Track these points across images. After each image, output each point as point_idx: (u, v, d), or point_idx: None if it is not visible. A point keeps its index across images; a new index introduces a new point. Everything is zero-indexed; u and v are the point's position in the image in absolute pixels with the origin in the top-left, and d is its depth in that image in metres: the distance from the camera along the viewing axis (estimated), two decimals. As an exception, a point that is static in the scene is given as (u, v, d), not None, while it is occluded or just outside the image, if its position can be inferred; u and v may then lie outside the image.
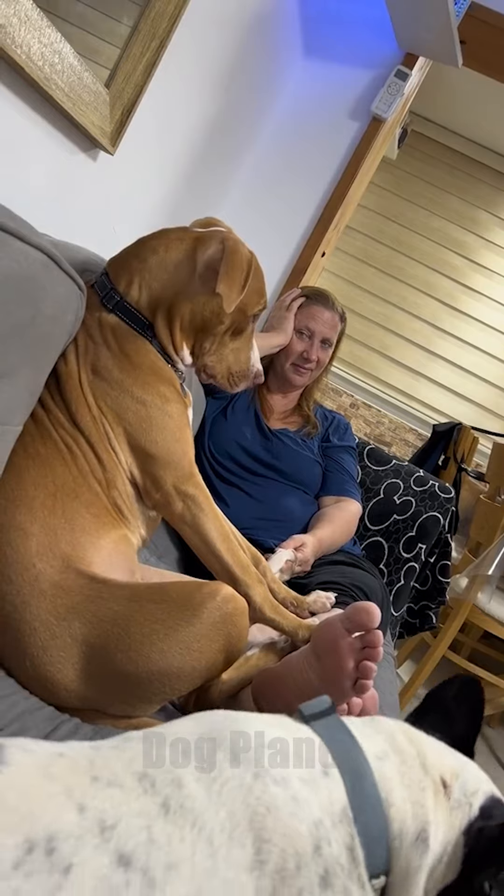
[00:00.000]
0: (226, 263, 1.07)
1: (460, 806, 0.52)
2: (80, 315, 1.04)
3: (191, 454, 1.11)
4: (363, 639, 0.91)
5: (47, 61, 1.21)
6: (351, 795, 0.50)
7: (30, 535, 0.93)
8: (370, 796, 0.50)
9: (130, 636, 0.88)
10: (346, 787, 0.50)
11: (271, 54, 2.23)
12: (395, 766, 0.53)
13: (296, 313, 1.89)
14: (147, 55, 1.49)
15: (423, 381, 4.51)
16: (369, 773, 0.51)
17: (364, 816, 0.49)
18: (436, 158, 4.59)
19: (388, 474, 2.20)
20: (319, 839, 0.47)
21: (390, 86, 2.38)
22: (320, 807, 0.49)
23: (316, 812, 0.48)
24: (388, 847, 0.49)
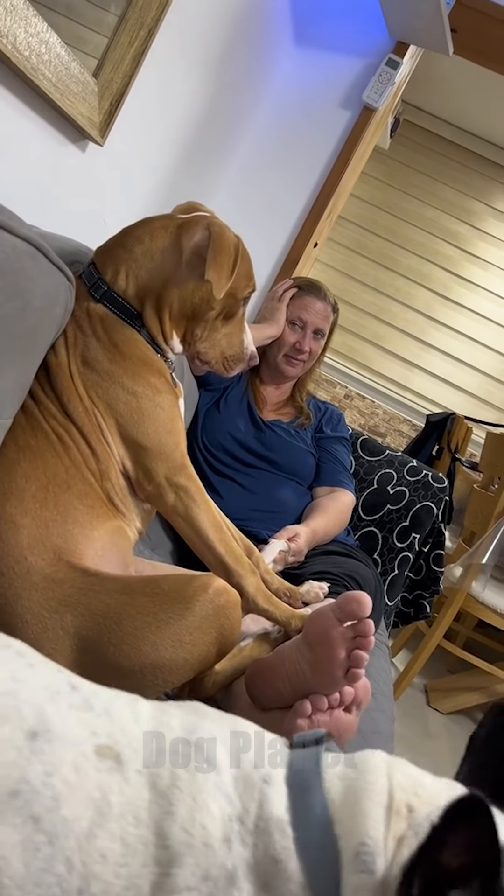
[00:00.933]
0: (213, 249, 1.07)
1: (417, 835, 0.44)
2: (69, 307, 1.03)
3: (182, 445, 1.10)
4: (355, 628, 0.91)
5: (34, 51, 1.20)
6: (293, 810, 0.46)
7: (21, 528, 0.93)
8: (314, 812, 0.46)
9: (122, 629, 0.88)
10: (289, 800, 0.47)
11: (261, 43, 2.22)
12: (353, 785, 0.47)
13: (288, 304, 1.89)
14: (135, 44, 1.48)
15: (416, 371, 4.51)
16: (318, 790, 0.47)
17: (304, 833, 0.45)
18: (428, 148, 4.57)
19: (382, 465, 2.21)
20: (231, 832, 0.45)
21: (381, 74, 2.37)
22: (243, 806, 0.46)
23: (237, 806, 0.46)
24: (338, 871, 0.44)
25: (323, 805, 0.46)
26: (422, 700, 2.73)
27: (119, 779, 0.46)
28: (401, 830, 0.44)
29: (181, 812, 0.45)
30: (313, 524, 1.64)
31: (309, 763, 0.49)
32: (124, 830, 0.44)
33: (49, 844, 0.42)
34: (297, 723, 0.90)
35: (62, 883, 0.42)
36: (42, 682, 0.49)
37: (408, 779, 0.48)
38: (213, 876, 0.43)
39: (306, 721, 0.90)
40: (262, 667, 1.00)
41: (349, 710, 0.93)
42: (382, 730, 1.29)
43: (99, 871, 0.42)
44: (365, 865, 0.43)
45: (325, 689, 0.92)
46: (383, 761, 0.50)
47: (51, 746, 0.45)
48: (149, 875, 0.43)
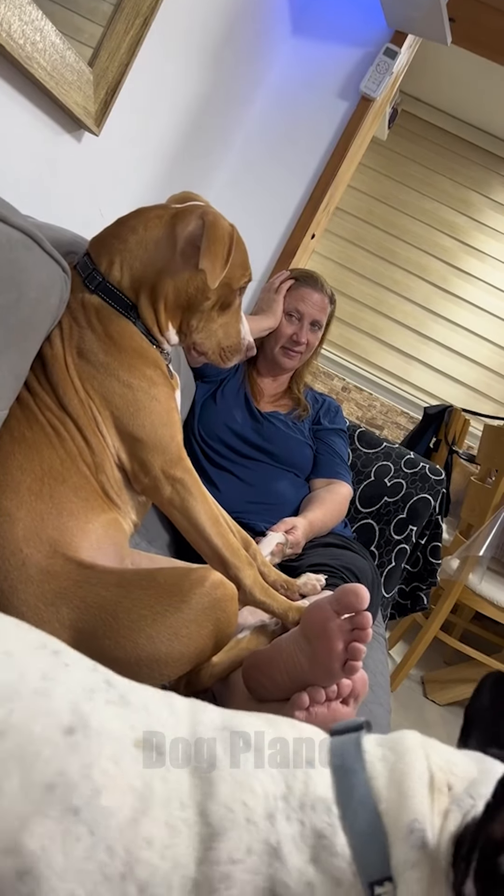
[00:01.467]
0: (207, 238, 1.06)
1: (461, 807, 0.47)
2: (64, 298, 1.02)
3: (179, 438, 1.10)
4: (352, 620, 0.91)
5: (28, 39, 1.19)
6: (337, 790, 0.48)
7: (16, 520, 0.92)
8: (359, 792, 0.48)
9: (118, 622, 0.88)
10: (333, 782, 0.49)
11: (258, 32, 2.20)
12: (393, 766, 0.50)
13: (285, 296, 1.88)
14: (131, 33, 1.47)
15: (414, 363, 4.51)
16: (360, 770, 0.49)
17: (351, 812, 0.47)
18: (426, 139, 4.56)
19: (379, 457, 2.20)
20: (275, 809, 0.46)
21: (379, 64, 2.35)
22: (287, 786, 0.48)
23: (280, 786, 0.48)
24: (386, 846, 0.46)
25: (366, 785, 0.49)
26: (418, 692, 2.74)
27: (161, 769, 0.47)
28: (444, 805, 0.47)
29: (223, 791, 0.47)
30: (311, 516, 1.64)
31: (350, 747, 0.52)
32: (169, 815, 0.45)
33: (90, 834, 0.44)
34: (295, 715, 0.90)
35: (104, 869, 0.43)
36: (77, 680, 0.50)
37: (442, 758, 0.51)
38: (257, 850, 0.45)
39: (304, 713, 0.90)
40: (259, 659, 1.00)
41: (346, 702, 0.93)
42: (380, 721, 1.29)
43: (145, 856, 0.44)
44: (419, 841, 0.46)
45: (322, 682, 0.92)
46: (419, 743, 0.52)
47: (87, 741, 0.46)
48: (193, 852, 0.45)
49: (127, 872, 0.43)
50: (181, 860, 0.44)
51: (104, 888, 0.43)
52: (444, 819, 0.46)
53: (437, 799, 0.48)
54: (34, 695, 0.47)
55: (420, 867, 0.45)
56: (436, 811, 0.47)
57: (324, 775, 0.49)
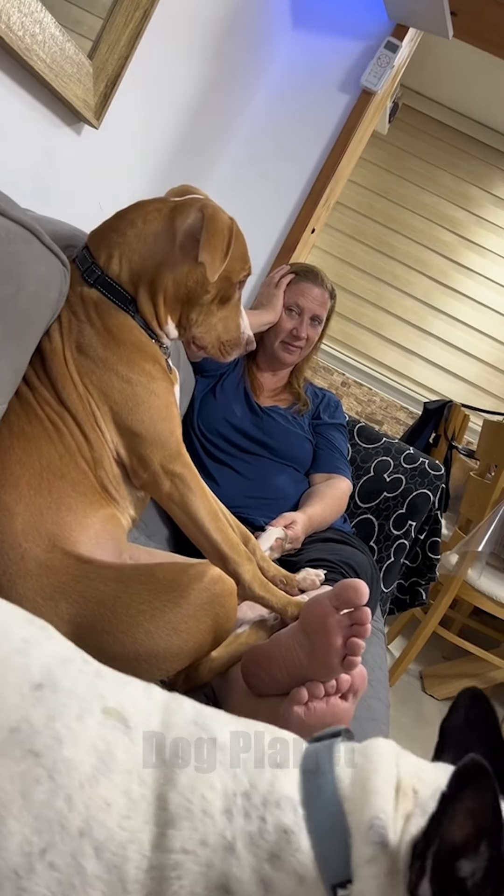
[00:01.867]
0: (206, 231, 1.05)
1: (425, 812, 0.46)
2: (63, 291, 1.02)
3: (178, 433, 1.10)
4: (351, 616, 0.91)
5: (28, 31, 1.18)
6: (304, 790, 0.48)
7: (15, 515, 0.92)
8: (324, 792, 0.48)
9: (117, 617, 0.88)
10: (301, 782, 0.49)
11: (259, 25, 2.19)
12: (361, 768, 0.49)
13: (285, 290, 1.87)
14: (131, 25, 1.46)
15: (414, 359, 4.50)
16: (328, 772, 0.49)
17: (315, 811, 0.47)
18: (427, 133, 4.54)
19: (379, 452, 2.20)
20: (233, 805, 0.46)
21: (380, 58, 2.34)
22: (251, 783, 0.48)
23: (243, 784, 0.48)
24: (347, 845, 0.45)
25: (332, 784, 0.48)
26: (417, 686, 2.74)
27: (125, 739, 0.48)
28: (408, 809, 0.47)
29: (182, 781, 0.47)
30: (310, 511, 1.63)
31: (322, 751, 0.52)
32: (128, 787, 0.46)
33: (49, 779, 0.45)
34: (294, 710, 0.90)
35: (62, 819, 0.44)
36: (56, 649, 0.52)
37: (412, 765, 0.50)
38: (211, 843, 0.45)
39: (302, 708, 0.90)
40: (258, 654, 1.00)
41: (345, 697, 0.93)
42: (378, 716, 1.30)
43: (103, 818, 0.44)
44: (379, 837, 0.45)
45: (321, 677, 0.92)
46: (390, 748, 0.52)
47: (55, 696, 0.48)
48: (149, 832, 0.45)
49: (85, 829, 0.44)
50: (138, 835, 0.45)
51: (60, 840, 0.43)
52: (406, 822, 0.46)
53: (401, 801, 0.47)
54: (12, 651, 0.50)
55: (377, 864, 0.44)
56: (399, 813, 0.46)
57: (291, 776, 0.49)
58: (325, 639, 0.91)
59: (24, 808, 0.43)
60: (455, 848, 0.42)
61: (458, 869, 0.42)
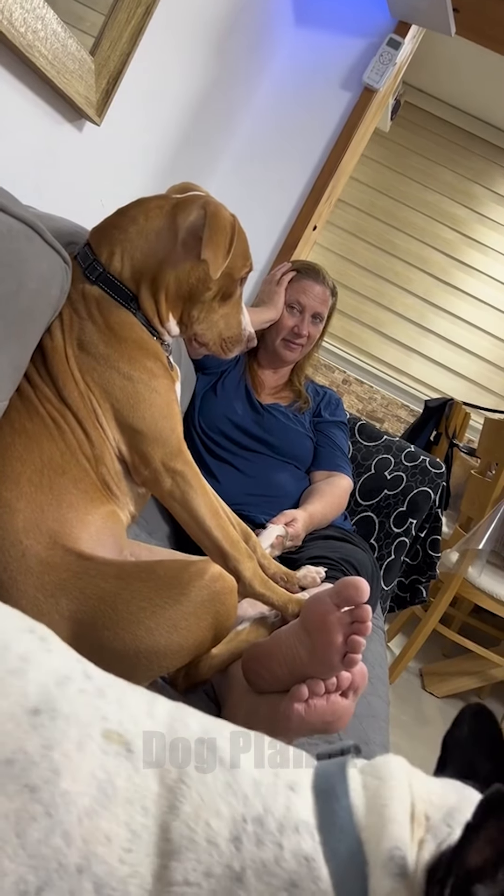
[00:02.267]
0: (209, 228, 1.05)
1: (436, 837, 0.45)
2: (65, 289, 1.02)
3: (179, 430, 1.10)
4: (352, 613, 0.91)
5: (30, 28, 1.18)
6: (319, 815, 0.47)
7: (16, 512, 0.92)
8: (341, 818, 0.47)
9: (118, 614, 0.88)
10: (315, 806, 0.47)
11: (261, 22, 2.19)
12: (376, 793, 0.48)
13: (286, 288, 1.87)
14: (133, 22, 1.46)
15: (415, 356, 4.50)
16: (343, 796, 0.48)
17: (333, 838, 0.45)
18: (429, 130, 4.53)
19: (380, 450, 2.20)
20: (242, 833, 0.45)
21: (382, 55, 2.34)
22: (264, 808, 0.46)
23: (254, 809, 0.46)
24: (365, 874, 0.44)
25: (348, 810, 0.47)
26: (417, 684, 2.75)
27: (128, 766, 0.46)
28: (421, 835, 0.46)
29: (186, 809, 0.45)
30: (311, 509, 1.64)
31: (335, 771, 0.50)
32: (131, 818, 0.44)
33: (46, 816, 0.42)
34: (294, 707, 0.90)
35: (59, 857, 0.42)
36: (54, 666, 0.49)
37: (423, 787, 0.49)
38: (217, 874, 0.43)
39: (303, 706, 0.90)
40: (258, 651, 1.00)
41: (346, 695, 0.93)
42: (378, 713, 1.30)
43: (102, 852, 0.42)
44: (399, 868, 0.44)
45: (322, 674, 0.92)
46: (402, 769, 0.51)
47: (53, 723, 0.45)
48: (150, 864, 0.43)
49: (84, 866, 0.42)
50: (140, 869, 0.43)
51: (58, 878, 0.41)
52: (419, 849, 0.45)
53: (415, 829, 0.47)
54: (7, 673, 0.47)
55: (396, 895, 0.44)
56: (414, 840, 0.46)
57: (306, 799, 0.48)
58: (325, 636, 0.91)
59: (19, 846, 0.41)
60: (472, 873, 0.42)
61: (475, 894, 0.42)
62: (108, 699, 0.50)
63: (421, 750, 2.18)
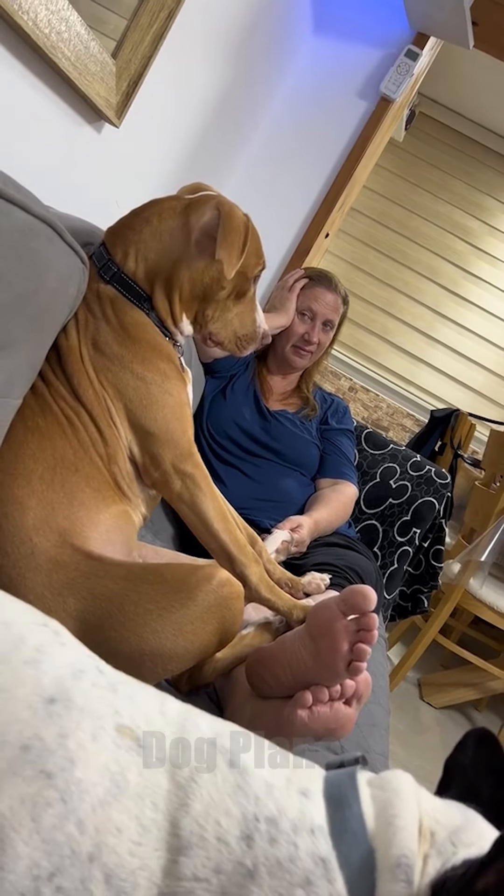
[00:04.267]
0: (223, 228, 1.05)
1: (441, 854, 0.47)
2: (82, 289, 1.03)
3: (190, 433, 1.10)
4: (359, 621, 0.91)
5: (54, 29, 1.19)
6: (331, 821, 0.48)
7: (27, 509, 0.92)
8: (352, 825, 0.48)
9: (124, 615, 0.88)
10: (327, 812, 0.48)
11: (281, 30, 2.20)
12: (386, 804, 0.50)
13: (298, 294, 1.88)
14: (155, 26, 1.47)
15: (422, 366, 4.50)
16: (355, 803, 0.49)
17: (345, 844, 0.47)
18: (443, 142, 4.54)
19: (385, 458, 2.20)
20: (255, 831, 0.45)
21: (400, 66, 2.35)
22: (278, 808, 0.47)
23: (266, 809, 0.47)
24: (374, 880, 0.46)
25: (360, 818, 0.48)
26: (415, 694, 2.74)
27: (139, 761, 0.47)
28: (426, 850, 0.47)
29: (196, 807, 0.46)
30: (316, 515, 1.64)
31: (346, 780, 0.51)
32: (141, 812, 0.45)
33: (61, 802, 0.43)
34: (298, 713, 0.90)
35: (72, 844, 0.43)
36: (69, 659, 0.51)
37: (429, 804, 0.51)
38: (227, 871, 0.44)
39: (306, 712, 0.90)
40: (263, 655, 1.00)
41: (349, 703, 0.93)
42: (379, 722, 1.30)
43: (113, 843, 0.43)
44: (405, 875, 0.45)
45: (326, 681, 0.92)
46: (410, 784, 0.52)
47: (68, 713, 0.46)
48: (159, 859, 0.44)
49: (95, 854, 0.43)
50: (149, 862, 0.44)
51: (70, 865, 0.42)
52: (423, 864, 0.46)
53: (422, 843, 0.48)
54: (23, 663, 0.48)
55: None
56: (420, 853, 0.47)
57: (318, 805, 0.49)
58: (331, 643, 0.91)
59: (34, 831, 0.42)
60: (478, 894, 0.43)
61: None
62: (121, 695, 0.51)
63: (417, 760, 2.18)
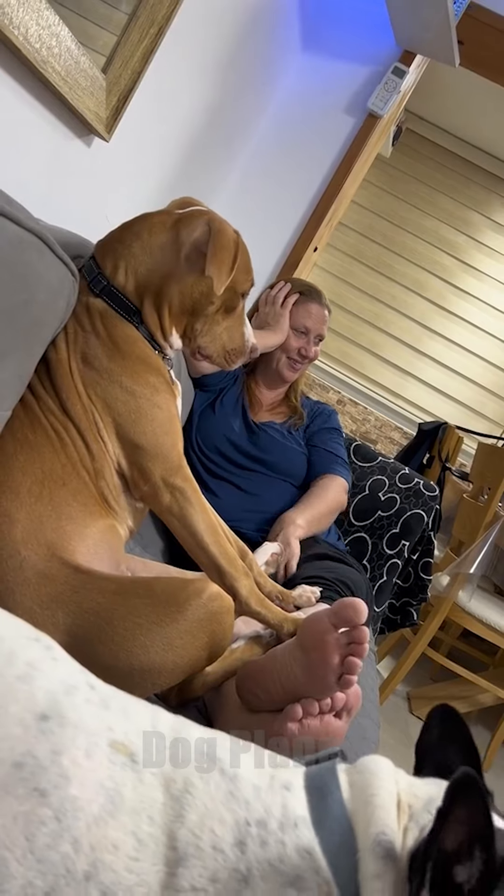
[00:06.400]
0: (213, 244, 1.06)
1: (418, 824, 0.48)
2: (71, 302, 1.03)
3: (179, 446, 1.10)
4: (349, 634, 0.91)
5: (44, 44, 1.19)
6: (313, 811, 0.48)
7: (15, 522, 0.92)
8: (333, 811, 0.48)
9: (114, 629, 0.88)
10: (309, 803, 0.49)
11: (269, 47, 2.22)
12: (365, 786, 0.50)
13: (290, 310, 1.88)
14: (145, 42, 1.48)
15: (410, 379, 4.53)
16: (336, 791, 0.50)
17: (327, 831, 0.47)
18: (429, 158, 4.59)
19: (374, 471, 2.21)
20: (247, 836, 0.46)
21: (387, 83, 2.38)
22: (265, 810, 0.47)
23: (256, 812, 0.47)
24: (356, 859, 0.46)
25: (340, 803, 0.49)
26: (404, 707, 2.74)
27: (133, 777, 0.46)
28: (405, 823, 0.48)
29: (192, 817, 0.46)
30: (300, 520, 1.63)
31: (325, 772, 0.52)
32: (138, 827, 0.45)
33: (55, 820, 0.43)
34: (288, 726, 0.90)
35: (67, 863, 0.42)
36: (61, 676, 0.50)
37: (407, 781, 0.52)
38: (222, 878, 0.44)
39: (297, 725, 0.90)
40: (253, 668, 1.00)
41: (339, 715, 0.93)
42: (369, 735, 1.29)
43: (110, 860, 0.43)
44: (384, 851, 0.46)
45: (316, 694, 0.92)
46: (387, 765, 0.53)
47: (62, 730, 0.46)
48: (157, 873, 0.44)
49: (91, 872, 0.42)
50: (146, 878, 0.43)
51: (66, 884, 0.42)
52: (403, 836, 0.47)
53: (401, 817, 0.48)
54: (16, 679, 0.48)
55: (383, 878, 0.45)
56: (400, 828, 0.48)
57: (300, 797, 0.49)
58: (322, 656, 0.91)
59: (28, 850, 0.42)
60: (450, 855, 0.43)
61: (455, 875, 0.43)
62: (113, 710, 0.50)
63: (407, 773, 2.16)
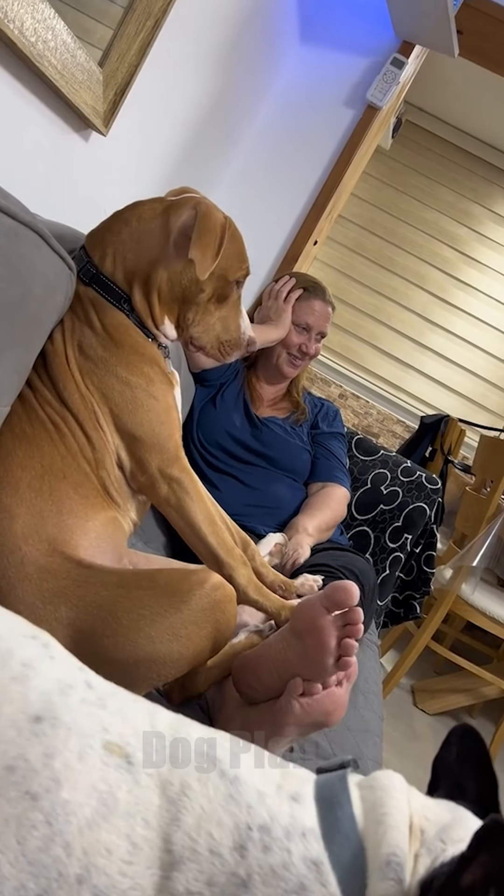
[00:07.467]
0: (198, 228, 1.05)
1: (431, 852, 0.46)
2: (69, 296, 1.02)
3: (177, 437, 1.10)
4: (344, 616, 0.91)
5: (40, 37, 1.19)
6: (322, 823, 0.48)
7: (16, 518, 0.92)
8: (344, 825, 0.48)
9: (118, 621, 0.88)
10: (318, 814, 0.48)
11: (267, 39, 2.21)
12: (377, 803, 0.49)
13: (293, 306, 1.87)
14: (142, 34, 1.47)
15: (411, 372, 4.52)
16: (346, 804, 0.49)
17: (336, 845, 0.46)
18: (430, 149, 4.58)
19: (376, 464, 2.21)
20: (248, 840, 0.45)
21: (386, 74, 2.37)
22: (270, 815, 0.47)
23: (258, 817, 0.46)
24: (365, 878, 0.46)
25: (351, 818, 0.48)
26: (408, 700, 2.74)
27: (129, 778, 0.46)
28: (416, 848, 0.47)
29: (188, 820, 0.45)
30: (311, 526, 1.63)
31: (336, 783, 0.51)
32: (132, 830, 0.44)
33: (46, 824, 0.42)
34: (293, 703, 0.90)
35: (59, 866, 0.42)
36: (57, 675, 0.50)
37: (419, 803, 0.51)
38: (220, 882, 0.44)
39: (301, 700, 0.90)
40: (248, 660, 1.00)
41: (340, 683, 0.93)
42: (372, 728, 1.29)
43: (103, 864, 0.43)
44: (395, 874, 0.45)
45: (314, 678, 0.92)
46: (401, 783, 0.52)
47: (54, 731, 0.46)
48: (152, 877, 0.43)
49: (84, 877, 0.42)
50: (141, 881, 0.43)
51: (58, 887, 0.42)
52: (414, 862, 0.46)
53: (412, 841, 0.48)
54: (11, 679, 0.47)
55: None
56: (411, 851, 0.47)
57: (309, 809, 0.48)
58: (317, 640, 0.91)
59: (20, 853, 0.42)
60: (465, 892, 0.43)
61: None
62: (110, 710, 0.50)
63: (411, 767, 2.17)
